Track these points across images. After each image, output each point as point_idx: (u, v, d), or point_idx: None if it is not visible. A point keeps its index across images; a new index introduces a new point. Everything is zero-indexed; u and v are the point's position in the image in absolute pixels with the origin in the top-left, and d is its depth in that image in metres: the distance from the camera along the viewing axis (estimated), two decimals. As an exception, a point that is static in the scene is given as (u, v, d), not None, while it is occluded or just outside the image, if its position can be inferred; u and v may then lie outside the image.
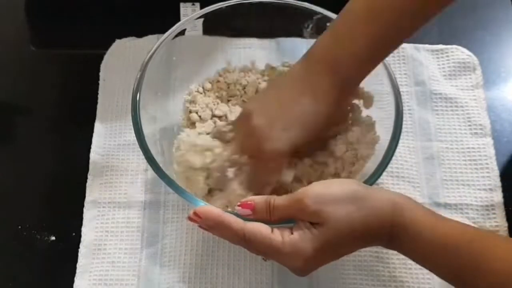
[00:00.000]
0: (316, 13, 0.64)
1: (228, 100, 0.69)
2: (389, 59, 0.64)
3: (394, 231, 0.47)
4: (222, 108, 0.67)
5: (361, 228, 0.47)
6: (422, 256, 0.48)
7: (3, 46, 0.79)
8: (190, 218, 0.49)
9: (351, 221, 0.47)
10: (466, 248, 0.46)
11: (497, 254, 0.45)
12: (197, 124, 0.67)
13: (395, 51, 0.75)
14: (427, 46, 0.76)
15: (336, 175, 0.61)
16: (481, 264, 0.45)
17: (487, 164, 0.68)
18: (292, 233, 0.47)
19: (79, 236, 0.64)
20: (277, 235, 0.47)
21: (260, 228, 0.47)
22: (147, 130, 0.58)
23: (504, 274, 0.44)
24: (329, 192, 0.48)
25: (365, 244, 0.49)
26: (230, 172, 0.58)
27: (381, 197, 0.48)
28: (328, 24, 0.64)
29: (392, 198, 0.48)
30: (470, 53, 0.75)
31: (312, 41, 0.58)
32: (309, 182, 0.55)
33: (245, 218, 0.49)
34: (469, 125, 0.71)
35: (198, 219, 0.48)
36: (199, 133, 0.64)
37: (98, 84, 0.73)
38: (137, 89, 0.60)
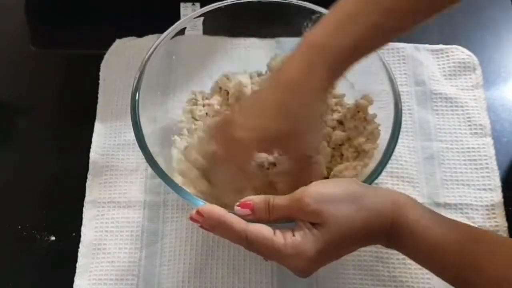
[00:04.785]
0: (315, 12, 0.64)
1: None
2: (389, 59, 0.64)
3: (394, 230, 0.47)
4: None
5: (362, 228, 0.47)
6: (421, 255, 0.48)
7: (3, 46, 0.79)
8: (192, 218, 0.49)
9: (351, 221, 0.47)
10: (466, 247, 0.46)
11: (496, 253, 0.45)
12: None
13: (395, 51, 0.76)
14: (427, 46, 0.76)
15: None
16: (482, 263, 0.45)
17: (487, 164, 0.68)
18: (293, 235, 0.47)
19: (79, 236, 0.64)
20: (279, 237, 0.47)
21: (262, 230, 0.47)
22: (146, 129, 0.58)
23: (505, 274, 0.44)
24: (328, 191, 0.47)
25: (366, 243, 0.49)
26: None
27: (381, 196, 0.48)
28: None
29: (392, 196, 0.48)
30: (470, 53, 0.75)
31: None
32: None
33: (245, 219, 0.49)
34: (469, 125, 0.71)
35: (200, 218, 0.48)
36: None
37: (98, 84, 0.73)
38: (137, 88, 0.60)
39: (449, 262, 0.46)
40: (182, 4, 0.78)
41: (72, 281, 0.62)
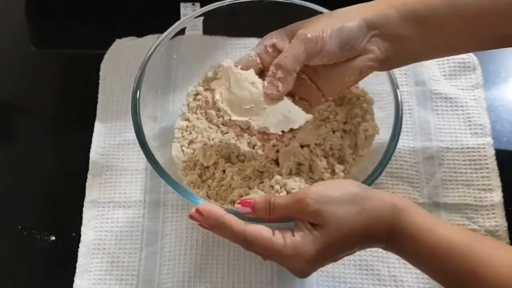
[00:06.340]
0: (316, 12, 0.64)
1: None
2: (389, 59, 0.64)
3: (392, 234, 0.47)
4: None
5: (361, 231, 0.47)
6: (419, 259, 0.48)
7: (3, 46, 0.79)
8: (191, 216, 0.49)
9: (351, 223, 0.47)
10: (464, 253, 0.46)
11: (495, 260, 0.45)
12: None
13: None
14: (427, 46, 0.76)
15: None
16: (479, 270, 0.45)
17: (487, 164, 0.68)
18: (293, 235, 0.47)
19: (79, 236, 0.64)
20: (279, 238, 0.47)
21: (261, 231, 0.47)
22: (147, 128, 0.58)
23: (501, 280, 0.44)
24: (330, 193, 0.47)
25: (364, 246, 0.49)
26: None
27: (381, 200, 0.48)
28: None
29: (392, 200, 0.48)
30: (470, 53, 0.75)
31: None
32: None
33: (245, 217, 0.49)
34: (469, 125, 0.71)
35: (199, 217, 0.48)
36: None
37: (98, 84, 0.74)
38: (137, 87, 0.60)
39: (447, 267, 0.46)
40: (182, 4, 0.78)
41: (72, 281, 0.62)
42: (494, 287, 0.44)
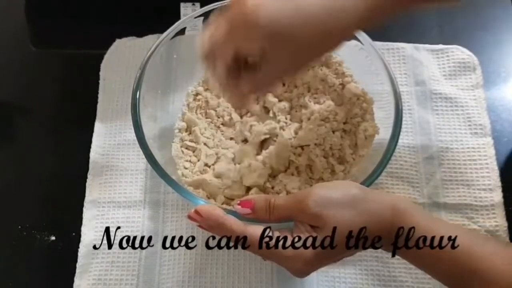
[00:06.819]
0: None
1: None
2: (389, 59, 0.64)
3: (393, 234, 0.47)
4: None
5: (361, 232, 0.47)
6: (420, 259, 0.48)
7: (3, 46, 0.79)
8: (190, 217, 0.49)
9: (351, 225, 0.47)
10: (465, 251, 0.46)
11: (497, 258, 0.45)
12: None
13: (395, 51, 0.75)
14: (427, 46, 0.76)
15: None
16: (480, 267, 0.45)
17: (487, 164, 0.68)
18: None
19: (79, 236, 0.64)
20: None
21: (261, 232, 0.47)
22: (147, 128, 0.58)
23: (503, 277, 0.44)
24: (330, 195, 0.47)
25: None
26: None
27: (382, 201, 0.48)
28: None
29: (392, 202, 0.48)
30: (470, 53, 0.75)
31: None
32: None
33: (245, 217, 0.49)
34: (469, 125, 0.71)
35: (198, 217, 0.48)
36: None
37: (98, 84, 0.73)
38: (137, 87, 0.60)
39: (447, 267, 0.46)
40: (182, 4, 0.78)
41: (72, 281, 0.62)
42: (496, 285, 0.44)
